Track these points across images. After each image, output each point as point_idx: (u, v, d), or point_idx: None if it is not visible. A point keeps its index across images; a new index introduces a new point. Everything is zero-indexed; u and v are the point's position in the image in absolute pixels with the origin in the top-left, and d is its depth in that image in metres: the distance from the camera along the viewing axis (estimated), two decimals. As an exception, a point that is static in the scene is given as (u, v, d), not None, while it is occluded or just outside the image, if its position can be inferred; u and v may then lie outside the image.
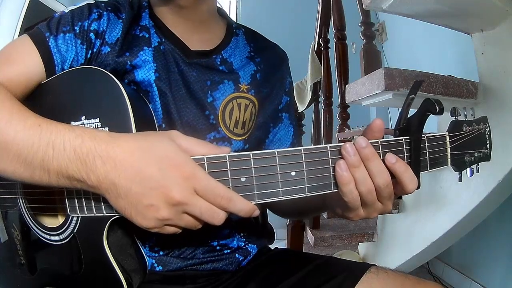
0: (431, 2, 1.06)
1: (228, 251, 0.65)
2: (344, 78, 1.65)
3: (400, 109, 0.46)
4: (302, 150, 0.42)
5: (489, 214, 1.30)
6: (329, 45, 1.99)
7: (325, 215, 1.47)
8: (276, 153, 0.41)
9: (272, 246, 0.75)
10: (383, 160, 0.43)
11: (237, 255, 0.66)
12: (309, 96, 2.15)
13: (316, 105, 2.21)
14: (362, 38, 1.64)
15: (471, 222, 1.30)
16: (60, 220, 0.53)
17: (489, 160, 0.52)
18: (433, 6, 1.07)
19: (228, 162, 0.41)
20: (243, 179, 0.41)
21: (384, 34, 2.85)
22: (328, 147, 0.42)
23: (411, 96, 0.45)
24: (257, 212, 0.41)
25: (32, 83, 0.54)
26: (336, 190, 0.43)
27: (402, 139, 0.45)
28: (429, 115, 0.44)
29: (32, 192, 0.55)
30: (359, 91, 1.28)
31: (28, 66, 0.53)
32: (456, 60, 1.87)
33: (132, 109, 0.47)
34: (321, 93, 2.00)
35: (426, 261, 1.92)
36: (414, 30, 2.29)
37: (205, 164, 0.41)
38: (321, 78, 1.99)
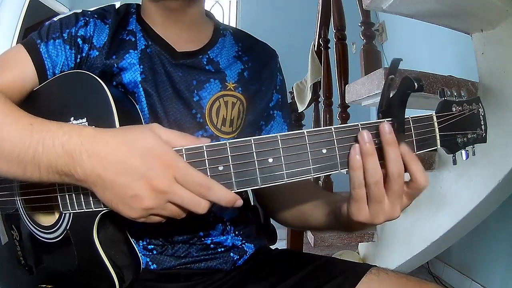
0: (431, 2, 1.06)
1: (223, 249, 0.65)
2: (344, 78, 1.65)
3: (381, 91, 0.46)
4: (279, 137, 0.42)
5: (489, 214, 1.30)
6: (329, 45, 1.98)
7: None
8: (252, 140, 0.42)
9: (272, 246, 0.75)
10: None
11: (231, 254, 0.66)
12: (309, 96, 2.15)
13: (316, 105, 2.21)
14: (362, 38, 1.64)
15: (471, 222, 1.30)
16: (55, 218, 0.54)
17: (485, 142, 0.50)
18: (433, 6, 1.07)
19: (205, 151, 0.42)
20: (220, 168, 0.42)
21: (384, 34, 2.85)
22: (305, 132, 0.42)
23: (390, 76, 0.44)
24: (239, 203, 0.42)
25: (26, 88, 0.57)
26: (316, 175, 0.43)
27: (384, 121, 0.44)
28: (409, 93, 0.43)
29: (28, 192, 0.55)
30: (359, 91, 1.28)
31: (22, 71, 0.56)
32: (456, 60, 1.87)
33: (116, 108, 0.49)
34: (321, 93, 2.00)
35: (426, 261, 1.92)
36: (414, 30, 2.29)
37: (184, 154, 0.42)
38: (321, 78, 1.98)
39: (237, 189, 0.42)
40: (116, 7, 0.66)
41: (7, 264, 0.62)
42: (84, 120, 0.50)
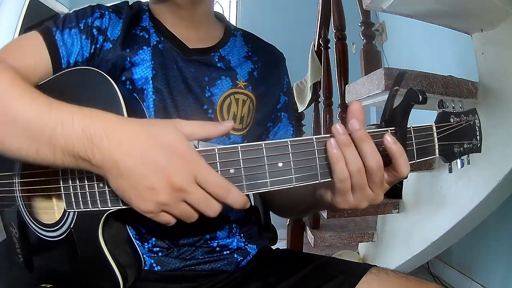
0: (431, 2, 1.06)
1: (228, 252, 0.66)
2: (344, 78, 1.64)
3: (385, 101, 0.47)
4: (289, 142, 0.43)
5: (489, 214, 1.30)
6: (329, 45, 1.98)
7: (325, 215, 1.46)
8: (263, 145, 0.42)
9: (272, 247, 0.75)
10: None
11: (235, 255, 0.66)
12: (309, 96, 2.15)
13: (316, 105, 2.21)
14: (362, 38, 1.64)
15: (471, 222, 1.30)
16: (57, 216, 0.54)
17: (480, 152, 0.52)
18: (433, 6, 1.07)
19: (217, 154, 0.42)
20: (232, 171, 0.42)
21: (384, 34, 2.85)
22: (314, 139, 0.43)
23: (395, 87, 0.46)
24: (248, 204, 0.42)
25: (38, 72, 0.56)
26: (323, 181, 0.44)
27: (387, 130, 0.45)
28: (413, 105, 0.44)
29: (30, 190, 0.55)
30: (359, 91, 1.28)
31: (36, 57, 0.56)
32: (456, 60, 1.87)
33: (125, 106, 0.49)
34: (321, 93, 2.00)
35: (426, 261, 1.92)
36: (414, 30, 2.29)
37: None
38: (321, 78, 1.98)
39: (247, 192, 0.43)
40: (129, 3, 0.67)
41: (4, 262, 0.62)
42: None
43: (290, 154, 0.43)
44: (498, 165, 1.08)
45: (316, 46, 2.12)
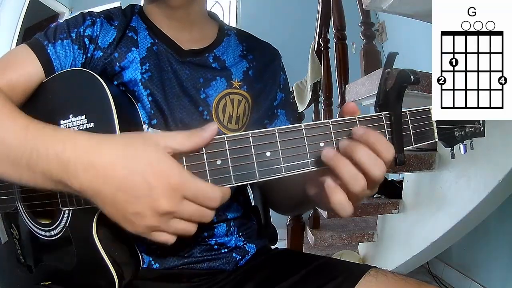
0: (431, 2, 1.05)
1: (226, 250, 0.65)
2: (344, 78, 1.65)
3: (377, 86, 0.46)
4: (276, 130, 0.41)
5: (489, 214, 1.30)
6: (329, 45, 1.99)
7: (325, 215, 1.46)
8: (250, 134, 0.41)
9: (272, 246, 0.75)
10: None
11: (234, 254, 0.66)
12: (309, 96, 2.15)
13: (316, 105, 2.21)
14: (362, 38, 1.64)
15: (471, 222, 1.30)
16: (54, 215, 0.54)
17: (483, 136, 0.50)
18: (433, 6, 1.07)
19: None
20: (218, 162, 0.41)
21: (384, 34, 2.86)
22: (302, 126, 0.42)
23: (386, 70, 0.44)
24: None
25: (30, 87, 0.56)
26: (314, 169, 0.42)
27: (381, 114, 0.44)
28: (406, 86, 0.43)
29: (28, 190, 0.55)
30: (359, 91, 1.28)
31: (28, 72, 0.55)
32: (456, 60, 1.86)
33: (115, 105, 0.49)
34: (321, 93, 2.00)
35: (426, 261, 1.92)
36: (414, 30, 2.29)
37: None
38: (321, 78, 1.99)
39: (235, 183, 0.42)
40: (122, 8, 0.66)
41: (6, 263, 0.62)
42: (83, 117, 0.50)
43: (278, 142, 0.41)
44: (498, 165, 1.08)
45: (316, 46, 2.12)
